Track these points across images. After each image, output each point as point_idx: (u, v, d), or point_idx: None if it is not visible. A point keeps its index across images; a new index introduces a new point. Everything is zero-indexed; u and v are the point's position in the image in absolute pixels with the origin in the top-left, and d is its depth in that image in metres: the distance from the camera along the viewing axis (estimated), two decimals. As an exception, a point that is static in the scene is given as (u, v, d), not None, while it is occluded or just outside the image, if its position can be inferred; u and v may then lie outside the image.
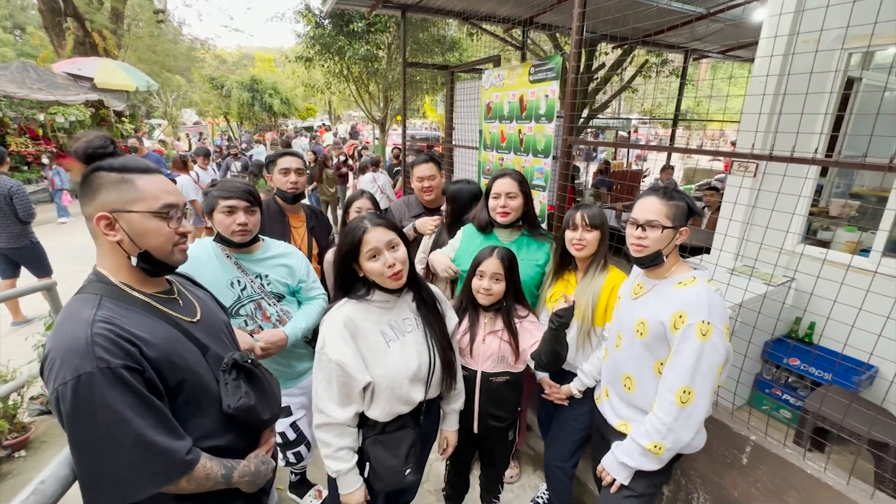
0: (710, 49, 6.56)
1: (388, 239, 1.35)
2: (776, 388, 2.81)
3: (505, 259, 1.67)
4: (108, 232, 0.99)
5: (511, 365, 1.72)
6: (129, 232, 0.99)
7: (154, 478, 0.94)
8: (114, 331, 0.93)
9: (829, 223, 3.32)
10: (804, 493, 1.50)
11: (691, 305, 1.33)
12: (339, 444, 1.37)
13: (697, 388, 1.32)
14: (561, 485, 2.02)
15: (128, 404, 0.90)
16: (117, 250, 1.01)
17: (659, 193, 1.42)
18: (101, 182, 0.97)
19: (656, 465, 1.43)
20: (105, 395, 0.87)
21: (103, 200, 0.97)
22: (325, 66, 9.83)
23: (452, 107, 4.39)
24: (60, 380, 0.87)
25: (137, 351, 0.94)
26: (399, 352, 1.39)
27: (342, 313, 1.36)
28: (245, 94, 20.83)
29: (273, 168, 2.27)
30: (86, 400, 0.86)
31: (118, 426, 0.89)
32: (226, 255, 1.74)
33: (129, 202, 0.98)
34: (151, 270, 1.06)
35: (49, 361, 0.90)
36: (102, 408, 0.87)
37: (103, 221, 0.98)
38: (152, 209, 1.00)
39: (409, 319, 1.45)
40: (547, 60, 2.38)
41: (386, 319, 1.41)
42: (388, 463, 1.39)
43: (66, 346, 0.89)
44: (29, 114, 9.67)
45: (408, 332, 1.43)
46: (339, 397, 1.34)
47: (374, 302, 1.40)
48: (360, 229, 1.34)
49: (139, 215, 0.99)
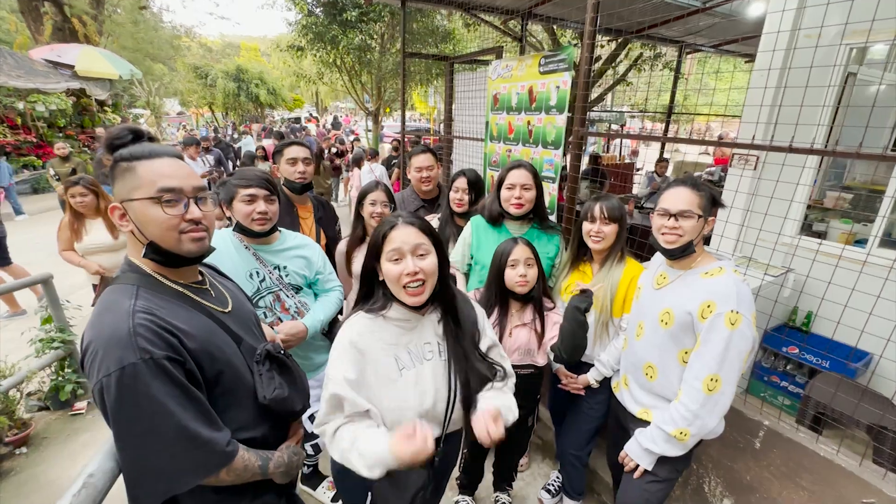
0: (703, 43, 6.62)
1: (416, 242, 1.16)
2: (774, 376, 2.90)
3: (530, 245, 1.71)
4: (122, 222, 0.97)
5: (534, 358, 1.75)
6: (136, 221, 0.97)
7: (197, 469, 0.93)
8: (155, 321, 0.91)
9: (824, 215, 3.40)
10: (818, 475, 1.56)
11: (720, 295, 1.35)
12: (348, 442, 1.12)
13: (724, 375, 1.35)
14: (575, 472, 2.06)
15: (171, 395, 0.89)
16: (136, 241, 1.00)
17: (688, 184, 1.44)
18: (116, 172, 0.97)
19: (680, 451, 1.46)
20: (149, 387, 0.86)
21: (115, 191, 0.97)
22: (318, 55, 9.66)
23: (451, 98, 4.36)
24: (104, 371, 0.85)
25: (178, 342, 0.93)
26: (413, 382, 1.18)
27: (354, 329, 1.19)
28: (231, 83, 20.41)
29: (280, 158, 2.23)
30: (130, 391, 0.85)
31: (162, 417, 0.88)
32: (244, 245, 1.72)
33: (131, 190, 0.95)
34: (163, 261, 1.01)
35: (91, 353, 0.89)
36: (146, 399, 0.86)
37: (117, 212, 0.97)
38: (148, 195, 0.95)
39: (430, 345, 1.23)
40: (559, 51, 2.38)
41: (404, 342, 1.20)
42: (391, 501, 1.18)
43: (108, 337, 0.87)
44: (7, 102, 9.32)
45: (427, 360, 1.21)
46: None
47: (391, 319, 1.21)
48: (388, 224, 1.18)
49: (139, 203, 0.95)
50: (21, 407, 2.72)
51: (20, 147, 9.64)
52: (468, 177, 2.30)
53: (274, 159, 2.28)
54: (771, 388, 2.88)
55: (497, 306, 1.76)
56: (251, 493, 1.13)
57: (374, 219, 2.16)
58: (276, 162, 2.25)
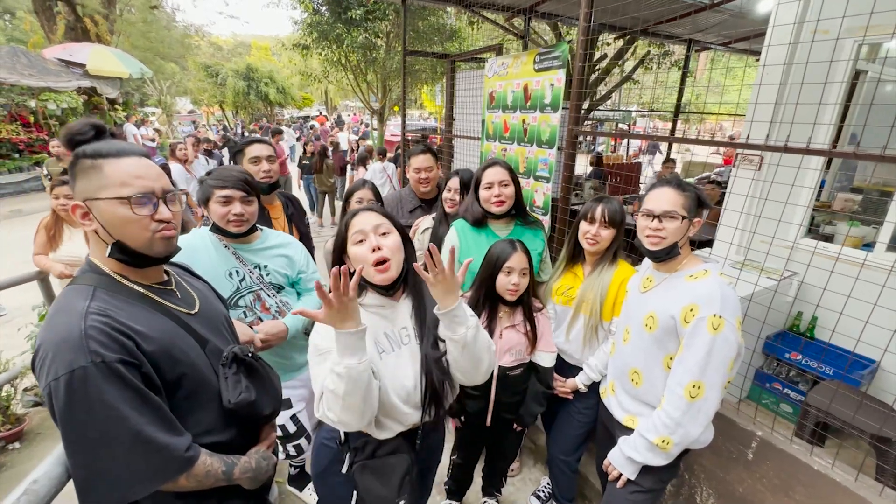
0: (712, 41, 6.50)
1: (376, 223, 1.21)
2: (776, 383, 2.81)
3: (527, 252, 1.68)
4: (84, 221, 0.95)
5: (524, 357, 1.75)
6: (101, 221, 0.94)
7: (153, 476, 0.91)
8: (109, 323, 0.89)
9: (832, 218, 3.30)
10: (811, 489, 1.49)
11: (703, 298, 1.30)
12: (329, 382, 1.08)
13: (707, 382, 1.29)
14: (565, 478, 2.01)
15: (124, 399, 0.86)
16: (99, 240, 0.97)
17: (672, 184, 1.39)
18: (77, 169, 0.94)
19: (664, 461, 1.41)
20: (100, 391, 0.84)
21: (77, 188, 0.94)
22: (323, 54, 9.67)
23: (453, 96, 4.32)
24: (53, 374, 0.83)
25: (133, 344, 0.91)
26: (393, 365, 1.22)
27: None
28: (240, 82, 20.59)
29: (241, 158, 2.12)
30: (80, 396, 0.83)
31: (114, 423, 0.85)
32: (223, 245, 1.70)
33: (98, 189, 0.93)
34: (130, 262, 0.99)
35: (41, 356, 0.87)
36: (98, 403, 0.84)
37: (79, 210, 0.94)
38: (118, 195, 0.93)
39: (406, 329, 1.27)
40: (553, 48, 2.32)
41: (382, 327, 1.24)
42: (379, 493, 1.21)
43: (59, 339, 0.85)
44: (20, 100, 9.48)
45: (405, 345, 1.26)
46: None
47: (369, 307, 1.24)
48: (350, 214, 1.26)
49: (105, 202, 0.93)
50: (17, 402, 2.75)
51: (32, 144, 9.80)
52: (462, 177, 2.25)
53: (234, 159, 2.16)
54: (772, 396, 2.80)
55: (486, 309, 1.72)
56: (216, 498, 1.10)
57: None
58: (238, 162, 2.13)
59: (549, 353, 1.77)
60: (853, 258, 2.02)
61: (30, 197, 9.22)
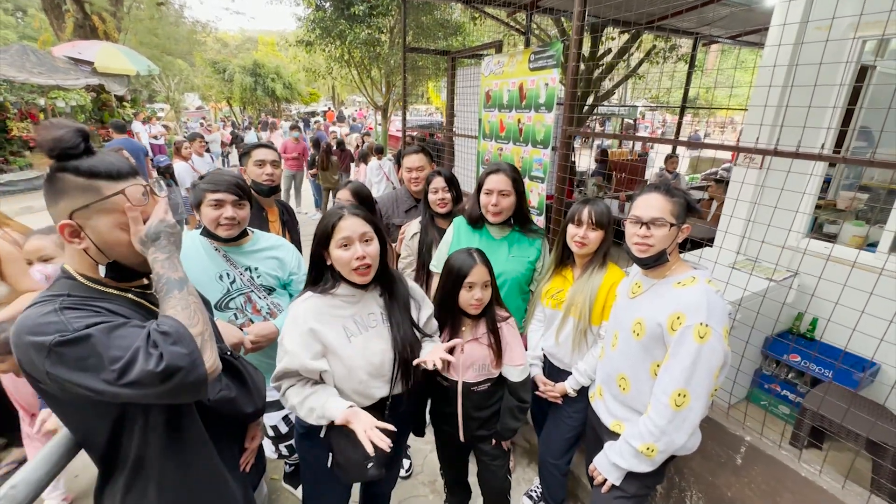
0: (719, 34, 6.38)
1: (362, 230, 1.32)
2: (775, 385, 2.78)
3: (487, 261, 1.59)
4: (72, 240, 0.92)
5: (490, 371, 1.65)
6: (96, 241, 0.92)
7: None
8: (83, 304, 0.88)
9: (835, 216, 3.24)
10: (798, 496, 1.48)
11: (690, 307, 1.29)
12: (299, 399, 1.32)
13: (693, 391, 1.29)
14: (554, 481, 2.01)
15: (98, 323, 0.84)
16: (84, 256, 0.95)
17: (661, 190, 1.38)
18: (66, 186, 0.89)
19: (648, 467, 1.40)
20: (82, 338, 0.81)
21: (66, 206, 0.89)
22: (326, 50, 9.67)
23: (454, 94, 4.30)
24: (42, 357, 0.80)
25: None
26: (362, 346, 1.36)
27: (304, 307, 1.35)
28: (247, 78, 20.68)
29: (247, 160, 2.19)
30: (78, 346, 0.80)
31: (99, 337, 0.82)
32: (214, 247, 1.71)
33: (98, 213, 0.90)
34: (119, 278, 0.99)
35: (24, 357, 0.83)
36: (84, 341, 0.81)
37: (67, 229, 0.90)
38: (121, 221, 0.92)
39: (374, 315, 1.42)
40: (547, 47, 2.30)
41: (350, 313, 1.38)
42: (350, 455, 1.34)
43: (31, 328, 0.82)
44: (29, 98, 9.60)
45: (372, 328, 1.40)
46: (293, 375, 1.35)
47: (339, 296, 1.38)
48: (335, 216, 1.32)
49: (106, 225, 0.91)
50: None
51: (42, 142, 9.94)
52: (444, 175, 2.23)
53: (241, 161, 2.24)
54: (771, 397, 2.77)
55: (448, 325, 1.65)
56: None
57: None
58: (244, 164, 2.20)
59: (518, 366, 1.64)
60: (852, 259, 1.98)
61: (41, 194, 9.34)
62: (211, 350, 0.91)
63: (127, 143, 6.51)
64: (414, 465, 2.50)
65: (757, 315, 1.90)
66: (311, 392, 1.32)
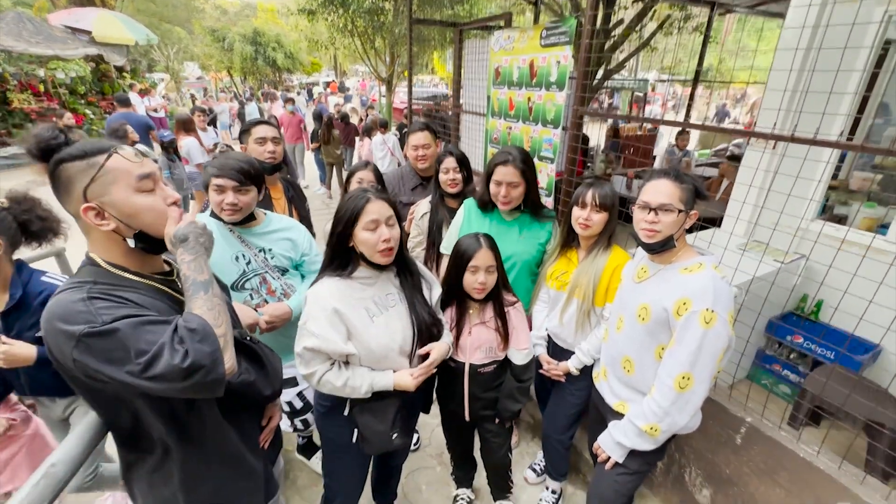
0: (737, 2, 6.13)
1: (389, 214, 1.37)
2: (777, 365, 2.83)
3: (495, 247, 1.61)
4: (101, 222, 0.94)
5: (497, 354, 1.70)
6: (120, 216, 0.95)
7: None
8: (110, 295, 0.91)
9: (848, 198, 3.20)
10: (795, 475, 1.54)
11: (696, 293, 1.31)
12: (341, 381, 1.38)
13: (697, 374, 1.32)
14: (557, 455, 2.09)
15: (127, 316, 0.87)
16: (112, 237, 0.97)
17: (670, 176, 1.37)
18: (70, 174, 0.91)
19: (651, 446, 1.46)
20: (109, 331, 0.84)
21: (81, 191, 0.92)
22: (329, 19, 9.38)
23: (461, 67, 4.19)
24: (71, 346, 0.83)
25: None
26: (384, 325, 1.42)
27: (326, 290, 1.38)
28: (248, 47, 20.15)
29: (247, 138, 2.17)
30: (106, 339, 0.84)
31: (126, 331, 0.85)
32: (229, 229, 1.74)
33: (107, 184, 0.93)
34: (151, 249, 1.02)
35: (52, 343, 0.87)
36: (111, 335, 0.84)
37: (91, 212, 0.92)
38: (132, 185, 0.94)
39: (392, 295, 1.47)
40: (560, 23, 2.23)
41: (369, 295, 1.42)
42: (376, 428, 1.44)
43: (62, 316, 0.86)
44: (29, 69, 9.46)
45: (391, 307, 1.45)
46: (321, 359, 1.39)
47: (358, 278, 1.42)
48: (363, 198, 1.35)
49: (123, 195, 0.94)
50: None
51: (44, 114, 9.84)
52: (455, 155, 2.21)
53: (241, 138, 2.22)
54: (772, 377, 2.82)
55: (454, 306, 1.70)
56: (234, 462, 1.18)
57: None
58: (244, 141, 2.18)
59: (522, 350, 1.71)
60: (862, 242, 1.98)
61: (45, 167, 9.34)
62: (230, 352, 0.94)
63: (129, 117, 6.44)
64: (422, 438, 2.59)
65: (766, 299, 1.92)
66: (349, 374, 1.39)
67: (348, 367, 1.41)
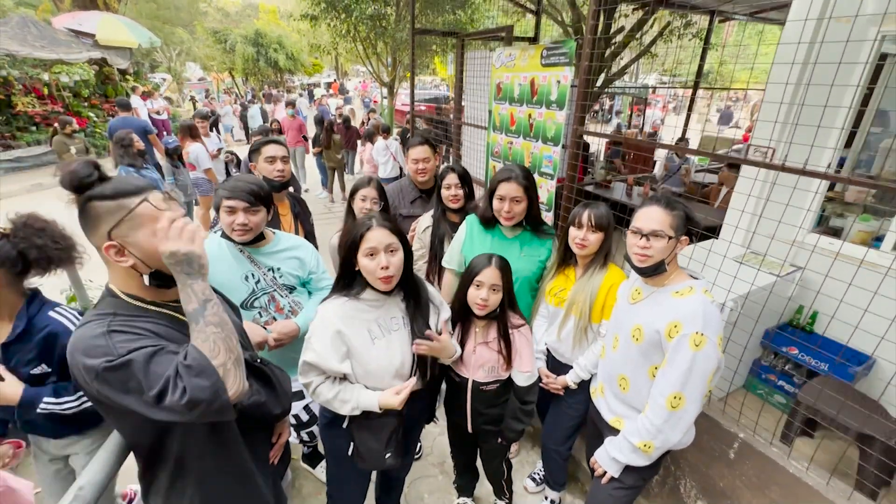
0: (737, 10, 6.18)
1: (388, 242, 1.41)
2: (772, 375, 2.88)
3: (504, 268, 1.66)
4: (120, 259, 1.00)
5: (500, 373, 1.75)
6: (139, 255, 1.01)
7: None
8: (129, 327, 0.97)
9: (843, 210, 3.25)
10: (786, 489, 1.59)
11: (687, 316, 1.37)
12: (332, 394, 1.44)
13: (688, 394, 1.38)
14: (556, 466, 2.15)
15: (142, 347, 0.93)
16: (130, 271, 1.04)
17: (661, 203, 1.43)
18: (99, 212, 0.97)
19: (645, 462, 1.52)
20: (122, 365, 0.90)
21: (107, 230, 0.98)
22: (332, 25, 9.44)
23: (462, 77, 4.25)
24: (92, 375, 0.90)
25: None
26: (385, 348, 1.47)
27: (333, 310, 1.45)
28: (249, 48, 20.20)
29: (257, 157, 2.23)
30: (123, 371, 0.90)
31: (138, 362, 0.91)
32: (239, 249, 1.79)
33: (133, 228, 0.99)
34: (164, 285, 1.08)
35: (77, 371, 0.94)
36: (125, 363, 0.90)
37: (112, 250, 0.99)
38: (154, 230, 0.99)
39: (396, 319, 1.52)
40: (560, 45, 2.29)
41: (374, 317, 1.48)
42: (370, 445, 1.50)
43: (85, 348, 0.92)
44: (33, 73, 9.52)
45: (394, 331, 1.50)
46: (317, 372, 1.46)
47: (365, 300, 1.48)
48: (364, 226, 1.42)
49: (144, 235, 0.99)
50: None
51: (48, 117, 9.91)
52: (458, 172, 2.27)
53: (251, 157, 2.28)
54: (768, 387, 2.87)
55: (460, 321, 1.75)
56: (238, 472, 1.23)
57: (363, 213, 2.22)
58: (254, 160, 2.25)
59: (525, 373, 1.73)
60: (857, 256, 2.02)
61: (49, 170, 9.39)
62: (235, 376, 0.96)
63: (128, 122, 6.44)
64: (424, 447, 2.65)
65: (761, 310, 1.97)
66: (341, 388, 1.45)
67: (341, 382, 1.47)
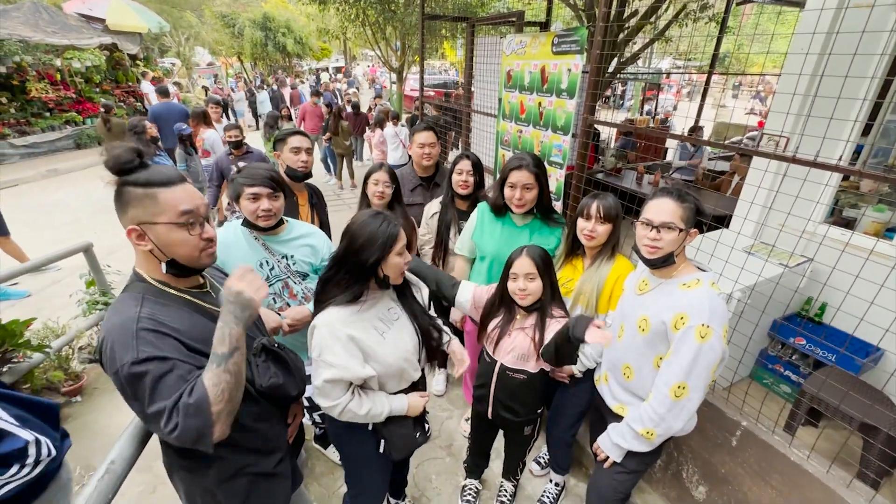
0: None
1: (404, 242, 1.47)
2: (778, 365, 2.89)
3: (536, 257, 1.64)
4: (140, 242, 1.08)
5: (527, 363, 1.75)
6: (157, 242, 1.08)
7: None
8: (155, 325, 1.04)
9: (858, 201, 3.20)
10: (786, 477, 1.63)
11: (693, 308, 1.38)
12: (364, 411, 1.43)
13: (692, 384, 1.41)
14: (561, 451, 2.21)
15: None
16: (150, 256, 1.11)
17: (673, 195, 1.44)
18: (129, 197, 1.05)
19: (647, 448, 1.56)
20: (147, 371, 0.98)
21: (132, 215, 1.06)
22: (341, 9, 9.34)
23: (472, 63, 4.21)
24: (115, 367, 0.99)
25: (177, 341, 1.06)
26: (394, 339, 1.50)
27: (334, 319, 1.39)
28: (258, 32, 20.10)
29: (283, 146, 2.27)
30: (136, 377, 0.98)
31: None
32: (254, 237, 1.84)
33: (154, 215, 1.06)
34: (179, 274, 1.15)
35: (105, 351, 1.02)
36: (147, 377, 0.98)
37: (134, 234, 1.06)
38: (173, 220, 1.07)
39: (393, 308, 1.56)
40: (571, 32, 2.27)
41: (374, 314, 1.48)
42: (401, 432, 1.55)
43: (117, 336, 1.00)
44: (45, 59, 9.60)
45: (395, 320, 1.54)
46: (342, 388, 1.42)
47: (361, 301, 1.44)
48: (397, 226, 1.43)
49: (164, 227, 1.06)
50: (74, 360, 3.08)
51: (62, 103, 10.01)
52: (472, 159, 2.31)
53: (276, 147, 2.32)
54: (773, 376, 2.89)
55: (502, 309, 1.78)
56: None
57: (376, 197, 2.28)
58: (279, 149, 2.29)
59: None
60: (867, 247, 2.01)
61: (64, 156, 9.56)
62: (224, 423, 1.04)
63: (171, 107, 6.39)
64: (431, 429, 2.72)
65: (768, 300, 1.98)
66: (370, 404, 1.45)
67: (367, 394, 1.47)
